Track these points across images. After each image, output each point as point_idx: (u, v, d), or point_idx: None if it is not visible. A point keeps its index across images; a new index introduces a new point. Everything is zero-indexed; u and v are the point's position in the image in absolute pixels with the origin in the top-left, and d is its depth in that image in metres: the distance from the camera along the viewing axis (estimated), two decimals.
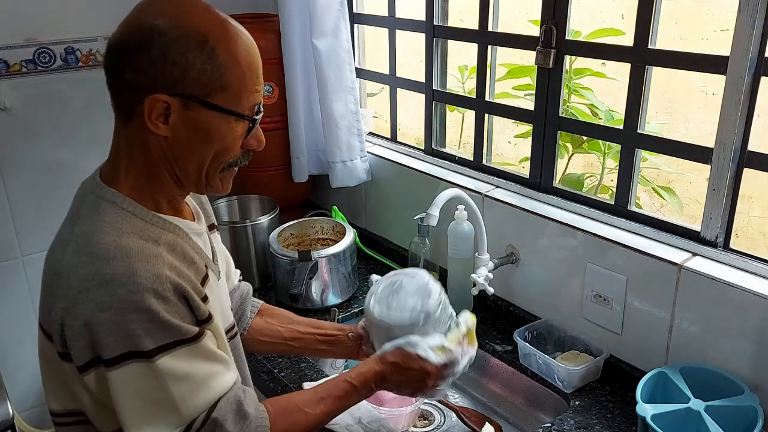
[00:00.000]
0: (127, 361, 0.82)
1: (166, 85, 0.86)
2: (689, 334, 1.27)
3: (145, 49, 0.85)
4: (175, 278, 0.86)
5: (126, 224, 0.88)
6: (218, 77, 0.88)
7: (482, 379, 1.58)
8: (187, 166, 0.93)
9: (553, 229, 1.48)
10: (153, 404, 0.85)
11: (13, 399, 1.59)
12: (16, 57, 1.73)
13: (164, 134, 0.89)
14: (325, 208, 2.15)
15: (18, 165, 1.79)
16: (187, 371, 0.86)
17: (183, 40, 0.86)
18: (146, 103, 0.86)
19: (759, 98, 1.17)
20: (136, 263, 0.83)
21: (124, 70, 0.87)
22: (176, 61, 0.85)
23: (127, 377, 0.83)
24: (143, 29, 0.86)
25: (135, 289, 0.82)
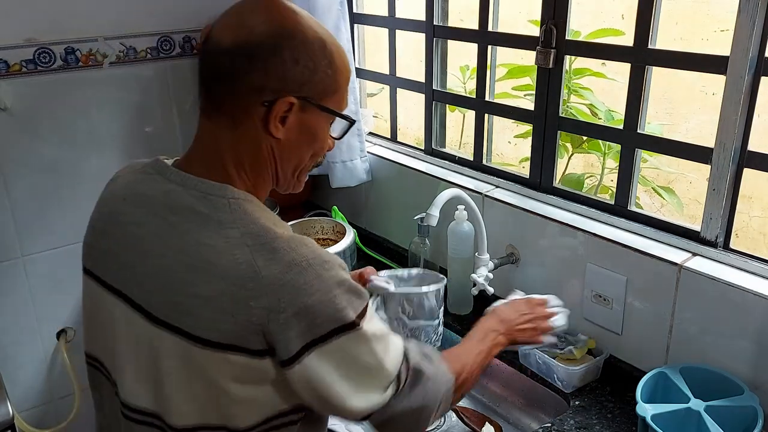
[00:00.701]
0: (338, 335, 0.84)
1: (294, 87, 0.88)
2: (689, 334, 1.27)
3: (277, 52, 0.87)
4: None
5: (272, 216, 0.91)
6: (334, 81, 0.92)
7: (482, 379, 1.58)
8: (289, 165, 0.96)
9: (553, 229, 1.48)
10: (366, 370, 0.88)
11: (13, 399, 1.59)
12: (16, 57, 1.73)
13: (279, 136, 0.90)
14: (325, 208, 2.15)
15: (18, 165, 1.79)
16: (378, 331, 0.90)
17: (310, 44, 0.88)
18: (276, 105, 0.88)
19: (759, 98, 1.18)
20: (315, 246, 0.87)
21: (252, 72, 0.87)
22: (306, 64, 0.88)
23: (340, 352, 0.85)
24: (273, 34, 0.87)
25: (329, 267, 0.85)
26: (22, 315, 1.90)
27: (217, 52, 0.88)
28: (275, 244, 0.85)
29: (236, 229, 0.86)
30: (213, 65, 0.89)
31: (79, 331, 1.98)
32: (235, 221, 0.87)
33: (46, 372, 1.99)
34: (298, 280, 0.83)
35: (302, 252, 0.85)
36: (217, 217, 0.87)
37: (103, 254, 0.96)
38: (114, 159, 1.92)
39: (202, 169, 0.92)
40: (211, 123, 0.92)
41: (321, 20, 1.77)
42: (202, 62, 0.90)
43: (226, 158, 0.92)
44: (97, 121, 1.88)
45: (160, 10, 1.90)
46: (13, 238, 1.83)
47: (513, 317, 1.21)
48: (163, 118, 1.98)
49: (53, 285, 1.92)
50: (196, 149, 0.95)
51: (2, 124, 1.74)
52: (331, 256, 0.87)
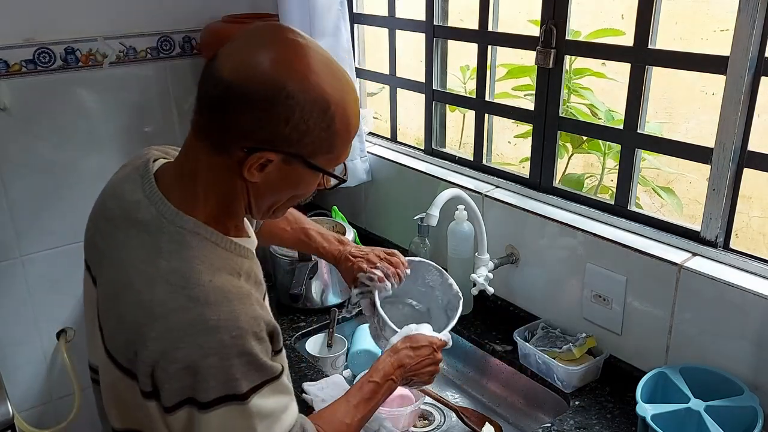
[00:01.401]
0: (223, 404, 0.82)
1: (280, 144, 0.85)
2: (689, 334, 1.27)
3: (270, 106, 0.83)
4: (266, 316, 0.87)
5: (214, 257, 0.87)
6: (329, 143, 0.88)
7: (482, 379, 1.58)
8: (263, 203, 0.93)
9: (553, 229, 1.48)
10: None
11: (13, 399, 1.59)
12: (16, 57, 1.73)
13: (255, 180, 0.88)
14: (325, 208, 2.15)
15: (17, 165, 1.79)
16: (270, 408, 0.87)
17: (308, 106, 0.84)
18: (252, 158, 0.84)
19: (759, 98, 1.18)
20: (236, 306, 0.83)
21: (241, 115, 0.83)
22: (297, 126, 0.84)
23: (219, 419, 0.82)
24: (271, 86, 0.82)
25: (239, 334, 0.82)
26: (22, 315, 1.90)
27: (217, 79, 0.84)
28: (193, 293, 0.82)
29: (167, 261, 0.85)
30: (209, 89, 0.85)
31: (79, 331, 1.98)
32: (171, 253, 0.86)
33: (46, 372, 1.99)
34: (200, 337, 0.80)
35: (217, 310, 0.82)
36: (158, 243, 0.87)
37: (92, 247, 0.98)
38: (113, 159, 1.92)
39: (174, 184, 0.91)
40: (196, 140, 0.89)
41: (321, 20, 1.79)
42: (201, 80, 0.87)
43: (199, 178, 0.89)
44: (96, 121, 1.88)
45: (160, 10, 1.90)
46: (12, 238, 1.83)
47: (412, 363, 1.16)
48: (163, 118, 1.98)
49: (52, 285, 1.92)
50: (177, 160, 0.94)
51: (2, 124, 1.75)
52: (248, 323, 0.83)
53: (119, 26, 1.85)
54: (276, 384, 0.87)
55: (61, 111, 1.83)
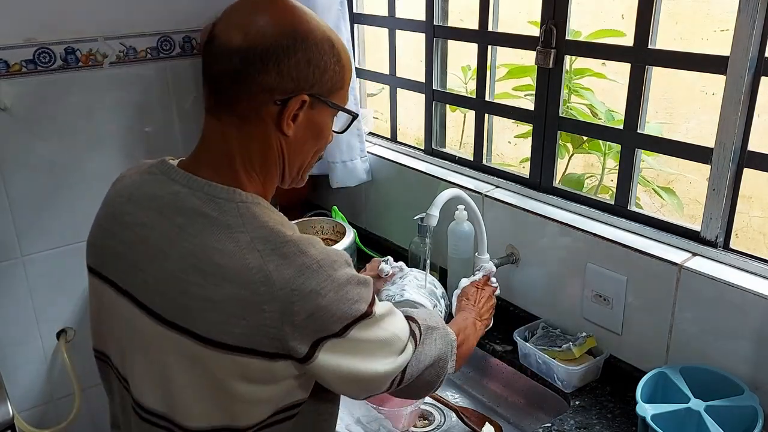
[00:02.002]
0: (352, 326, 0.88)
1: (306, 86, 0.90)
2: (689, 334, 1.27)
3: (291, 53, 0.88)
4: None
5: (280, 217, 0.92)
6: (341, 78, 0.94)
7: (482, 379, 1.58)
8: (295, 162, 0.97)
9: (553, 229, 1.48)
10: (382, 344, 0.93)
11: (13, 399, 1.59)
12: (16, 57, 1.73)
13: (290, 134, 0.92)
14: (325, 208, 2.15)
15: (18, 165, 1.79)
16: (386, 308, 0.95)
17: (320, 45, 0.90)
18: (290, 104, 0.89)
19: (759, 98, 1.18)
20: (321, 246, 0.89)
21: (264, 73, 0.87)
22: (318, 64, 0.90)
23: (355, 339, 0.89)
24: (286, 35, 0.87)
25: (338, 266, 0.88)
26: (22, 315, 1.90)
27: (228, 52, 0.87)
28: (285, 249, 0.86)
29: (245, 233, 0.86)
30: (223, 65, 0.88)
31: (79, 331, 1.98)
32: (245, 225, 0.87)
33: (46, 372, 1.98)
34: (310, 283, 0.84)
35: (312, 254, 0.86)
36: (226, 220, 0.87)
37: (108, 254, 0.96)
38: (114, 159, 1.92)
39: (210, 171, 0.92)
40: (219, 123, 0.91)
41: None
42: (209, 62, 0.90)
43: (236, 159, 0.92)
44: (96, 121, 1.88)
45: (160, 10, 1.90)
46: (12, 239, 1.83)
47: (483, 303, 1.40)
48: (163, 118, 1.98)
49: (53, 285, 1.92)
50: (203, 150, 0.94)
51: (2, 124, 1.74)
52: (338, 255, 0.89)
53: (119, 26, 1.85)
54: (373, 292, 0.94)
55: (61, 111, 1.82)
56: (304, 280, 0.84)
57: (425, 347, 1.02)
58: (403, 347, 0.97)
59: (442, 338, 1.07)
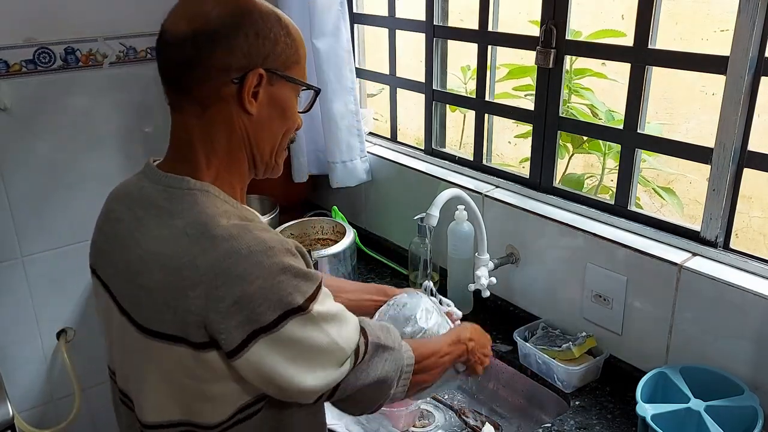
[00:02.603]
0: (285, 320, 0.84)
1: (260, 60, 0.90)
2: (689, 334, 1.27)
3: (238, 30, 0.88)
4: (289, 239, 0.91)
5: (227, 208, 0.90)
6: (294, 51, 0.94)
7: (482, 379, 1.58)
8: (265, 145, 0.96)
9: (553, 229, 1.48)
10: (318, 349, 0.88)
11: (13, 399, 1.59)
12: (16, 57, 1.73)
13: (253, 111, 0.91)
14: (325, 208, 2.15)
15: (18, 165, 1.79)
16: (332, 310, 0.90)
17: (266, 17, 0.91)
18: (248, 79, 0.89)
19: (759, 98, 1.18)
20: (259, 233, 0.85)
21: (216, 54, 0.88)
22: (267, 36, 0.90)
23: (290, 333, 0.84)
24: (230, 12, 0.88)
25: (272, 253, 0.84)
26: (22, 315, 1.90)
27: (178, 42, 0.89)
28: (214, 232, 0.84)
29: (182, 219, 0.87)
30: (176, 56, 0.89)
31: (79, 331, 1.98)
32: (183, 211, 0.88)
33: (46, 372, 1.99)
34: (237, 268, 0.82)
35: (244, 239, 0.84)
36: (170, 209, 0.89)
37: (99, 251, 1.00)
38: (113, 159, 1.92)
39: (172, 162, 0.95)
40: (182, 115, 0.93)
41: (321, 20, 1.79)
42: (163, 57, 0.91)
43: (197, 147, 0.92)
44: (96, 121, 1.88)
45: (160, 10, 1.89)
46: (12, 239, 1.83)
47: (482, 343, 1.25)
48: (163, 118, 1.96)
49: (53, 285, 1.92)
50: (171, 144, 0.97)
51: (2, 124, 1.75)
52: (277, 242, 0.86)
53: (119, 26, 1.85)
54: (325, 290, 0.90)
55: (61, 111, 1.83)
56: (230, 265, 0.82)
57: (370, 365, 0.95)
58: (343, 359, 0.91)
59: (393, 361, 0.99)
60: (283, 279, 0.83)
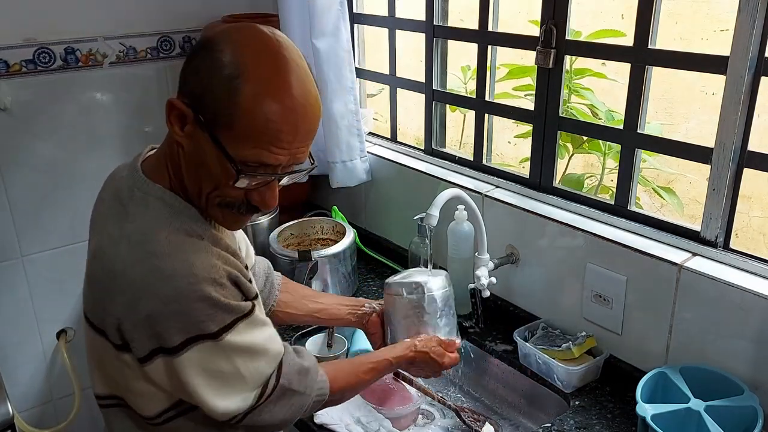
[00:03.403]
0: (193, 344, 0.87)
1: (187, 94, 0.89)
2: (689, 334, 1.27)
3: (192, 55, 0.89)
4: (225, 266, 0.90)
5: (174, 219, 0.91)
6: (228, 114, 0.85)
7: (482, 379, 1.58)
8: (193, 183, 0.93)
9: (553, 229, 1.48)
10: (223, 378, 0.90)
11: (13, 399, 1.59)
12: (16, 57, 1.73)
13: (179, 140, 0.91)
14: (325, 208, 2.15)
15: (18, 165, 1.79)
16: (248, 342, 0.91)
17: (216, 63, 0.85)
18: (174, 102, 0.89)
19: (759, 98, 1.18)
20: (191, 256, 0.87)
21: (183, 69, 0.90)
22: (201, 79, 0.86)
23: (195, 358, 0.87)
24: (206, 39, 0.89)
25: (194, 281, 0.86)
26: (22, 315, 1.90)
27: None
28: (149, 247, 0.87)
29: (131, 223, 0.90)
30: None
31: (79, 331, 1.98)
32: (135, 215, 0.91)
33: (46, 372, 1.99)
34: (158, 287, 0.85)
35: (171, 260, 0.86)
36: (127, 209, 0.92)
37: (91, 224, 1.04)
38: (114, 159, 1.91)
39: (151, 160, 0.98)
40: None
41: (321, 20, 1.79)
42: None
43: (165, 151, 0.96)
44: (96, 121, 1.88)
45: (160, 10, 1.90)
46: (12, 239, 1.83)
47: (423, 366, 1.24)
48: (163, 118, 1.98)
49: (53, 285, 1.92)
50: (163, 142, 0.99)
51: (2, 124, 1.75)
52: (203, 270, 0.86)
53: (119, 26, 1.85)
54: (251, 320, 0.92)
55: (61, 111, 1.83)
56: (153, 282, 0.85)
57: (276, 407, 0.98)
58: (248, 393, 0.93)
59: (297, 406, 1.01)
60: (198, 307, 0.86)
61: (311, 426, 1.32)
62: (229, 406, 0.92)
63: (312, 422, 1.32)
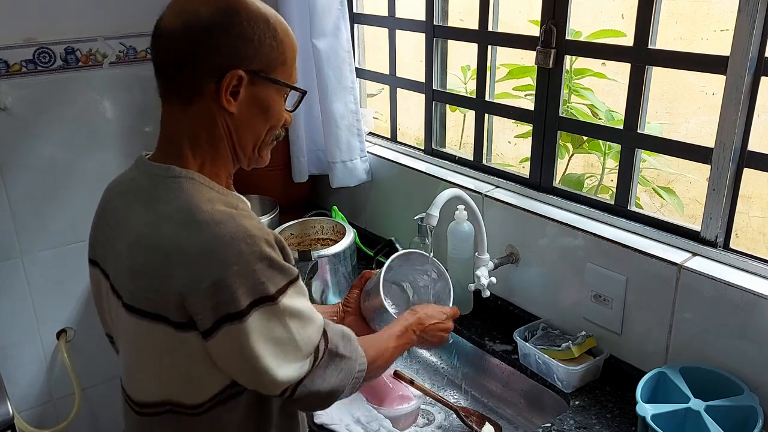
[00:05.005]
0: (256, 307, 0.87)
1: (242, 61, 0.92)
2: (689, 334, 1.27)
3: (224, 29, 0.90)
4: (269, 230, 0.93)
5: (211, 195, 0.93)
6: (280, 53, 0.95)
7: (482, 379, 1.58)
8: (246, 140, 0.98)
9: (553, 229, 1.48)
10: (281, 345, 0.91)
11: (13, 399, 1.59)
12: (16, 57, 1.73)
13: (232, 110, 0.94)
14: (325, 208, 2.15)
15: (18, 165, 1.79)
16: (299, 308, 0.93)
17: (254, 20, 0.92)
18: (226, 79, 0.91)
19: (759, 98, 1.18)
20: (243, 221, 0.89)
21: (200, 50, 0.90)
22: (251, 38, 0.92)
23: (257, 323, 0.88)
24: (218, 13, 0.90)
25: (252, 242, 0.87)
26: (22, 315, 1.90)
27: (167, 38, 0.92)
28: (199, 218, 0.88)
29: (168, 205, 0.91)
30: (164, 50, 0.93)
31: (79, 331, 1.98)
32: (169, 198, 0.92)
33: (46, 372, 1.99)
34: (218, 253, 0.86)
35: (226, 226, 0.87)
36: (156, 195, 0.93)
37: (98, 242, 1.04)
38: (113, 159, 1.92)
39: (161, 153, 0.98)
40: (168, 106, 0.96)
41: (321, 20, 1.79)
42: (155, 50, 0.95)
43: (182, 139, 0.96)
44: (96, 121, 1.88)
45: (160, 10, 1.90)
46: (12, 238, 1.83)
47: (430, 322, 1.27)
48: None
49: (53, 285, 1.92)
50: (160, 135, 0.99)
51: (2, 124, 1.75)
52: (258, 231, 0.89)
53: (119, 26, 1.85)
54: (297, 285, 0.93)
55: (61, 111, 1.83)
56: (213, 249, 0.86)
57: (327, 373, 0.98)
58: (302, 358, 0.94)
59: (347, 370, 1.01)
60: (259, 268, 0.87)
61: (311, 426, 1.32)
62: (289, 374, 0.92)
63: (312, 422, 1.32)
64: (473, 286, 1.55)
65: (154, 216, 0.91)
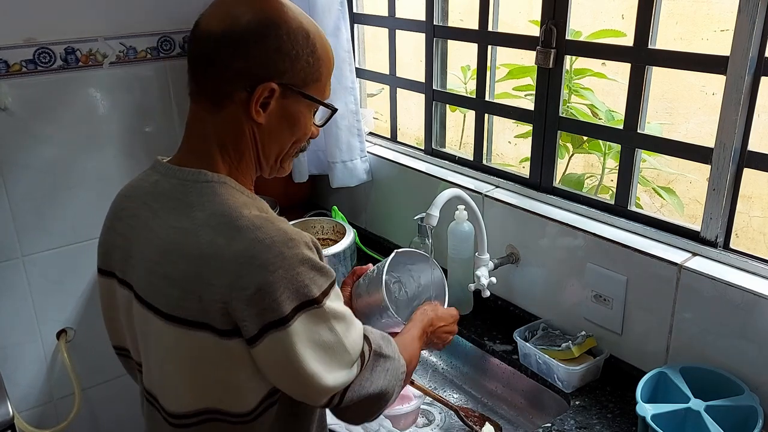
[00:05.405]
0: (301, 311, 0.86)
1: (276, 74, 0.91)
2: (689, 334, 1.27)
3: (261, 40, 0.89)
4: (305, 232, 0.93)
5: (246, 199, 0.92)
6: (316, 70, 0.95)
7: (482, 379, 1.58)
8: (271, 151, 0.97)
9: (553, 229, 1.48)
10: (328, 349, 0.89)
11: (13, 399, 1.59)
12: (16, 57, 1.73)
13: (261, 121, 0.93)
14: (325, 208, 2.15)
15: (18, 165, 1.79)
16: (341, 310, 0.92)
17: (293, 34, 0.92)
18: (258, 90, 0.90)
19: (759, 98, 1.18)
20: (281, 225, 0.88)
21: (235, 58, 0.89)
22: (288, 53, 0.91)
23: (302, 330, 0.86)
24: (258, 23, 0.90)
25: (293, 245, 0.86)
26: (22, 315, 1.90)
27: (204, 39, 0.91)
28: (238, 223, 0.87)
29: (203, 210, 0.89)
30: (200, 51, 0.92)
31: (79, 331, 1.98)
32: (203, 204, 0.90)
33: (46, 372, 1.98)
34: (260, 257, 0.84)
35: (266, 230, 0.86)
36: (188, 200, 0.91)
37: (111, 249, 1.00)
38: (114, 159, 1.92)
39: (187, 155, 0.96)
40: (197, 106, 0.95)
41: (321, 20, 1.79)
42: (191, 48, 0.94)
43: (211, 140, 0.94)
44: (97, 121, 1.88)
45: (160, 10, 1.90)
46: (12, 239, 1.83)
47: (440, 324, 1.26)
48: (163, 118, 1.98)
49: (53, 285, 1.92)
50: (186, 135, 0.98)
51: (2, 124, 1.74)
52: (297, 234, 0.88)
53: (119, 26, 1.85)
54: (336, 289, 0.92)
55: (61, 111, 1.82)
56: (254, 254, 0.84)
57: (374, 375, 0.97)
58: (350, 361, 0.92)
59: (393, 371, 1.00)
60: (301, 270, 0.86)
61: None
62: (337, 379, 0.90)
63: None
64: (473, 286, 1.55)
65: (188, 222, 0.89)
